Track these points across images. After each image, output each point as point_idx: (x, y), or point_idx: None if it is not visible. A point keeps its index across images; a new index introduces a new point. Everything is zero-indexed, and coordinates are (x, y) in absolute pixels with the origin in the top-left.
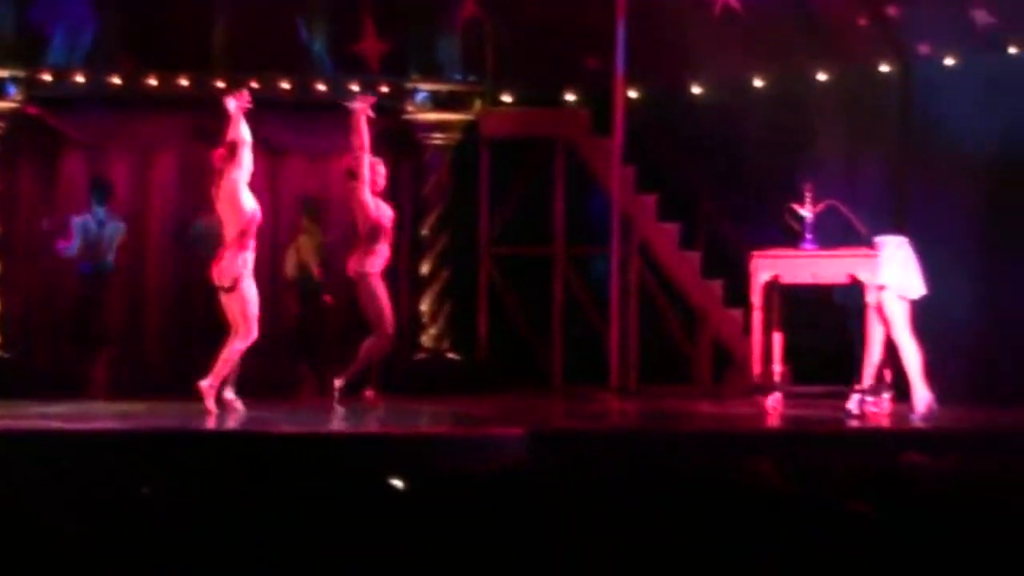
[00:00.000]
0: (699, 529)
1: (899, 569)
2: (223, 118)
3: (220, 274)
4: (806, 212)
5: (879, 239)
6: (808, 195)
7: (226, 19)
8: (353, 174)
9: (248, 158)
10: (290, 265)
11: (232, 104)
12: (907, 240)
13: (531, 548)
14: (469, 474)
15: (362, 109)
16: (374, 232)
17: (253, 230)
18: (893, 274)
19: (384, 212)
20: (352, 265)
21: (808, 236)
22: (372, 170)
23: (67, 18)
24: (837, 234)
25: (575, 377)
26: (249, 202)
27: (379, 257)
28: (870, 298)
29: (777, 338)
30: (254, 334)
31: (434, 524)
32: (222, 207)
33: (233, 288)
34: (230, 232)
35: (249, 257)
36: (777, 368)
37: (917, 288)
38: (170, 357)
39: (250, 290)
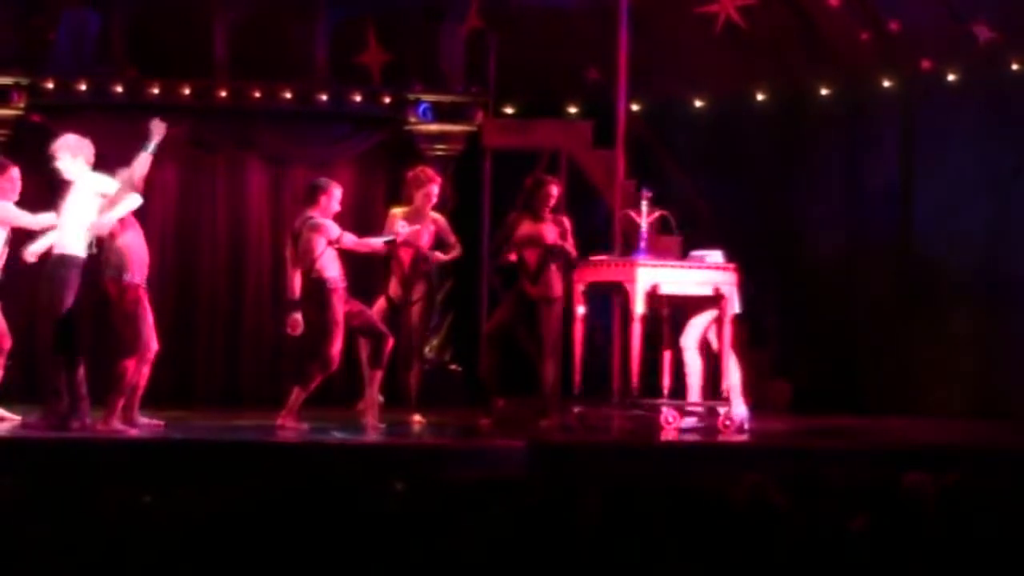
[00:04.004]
0: (696, 543)
1: None
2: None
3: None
4: (642, 221)
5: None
6: (645, 203)
7: (228, 28)
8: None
9: None
10: None
11: None
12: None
13: (528, 560)
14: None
15: None
16: None
17: None
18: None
19: None
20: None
21: (642, 244)
22: None
23: (70, 26)
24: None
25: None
26: None
27: None
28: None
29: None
30: None
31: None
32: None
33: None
34: None
35: None
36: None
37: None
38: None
39: None
